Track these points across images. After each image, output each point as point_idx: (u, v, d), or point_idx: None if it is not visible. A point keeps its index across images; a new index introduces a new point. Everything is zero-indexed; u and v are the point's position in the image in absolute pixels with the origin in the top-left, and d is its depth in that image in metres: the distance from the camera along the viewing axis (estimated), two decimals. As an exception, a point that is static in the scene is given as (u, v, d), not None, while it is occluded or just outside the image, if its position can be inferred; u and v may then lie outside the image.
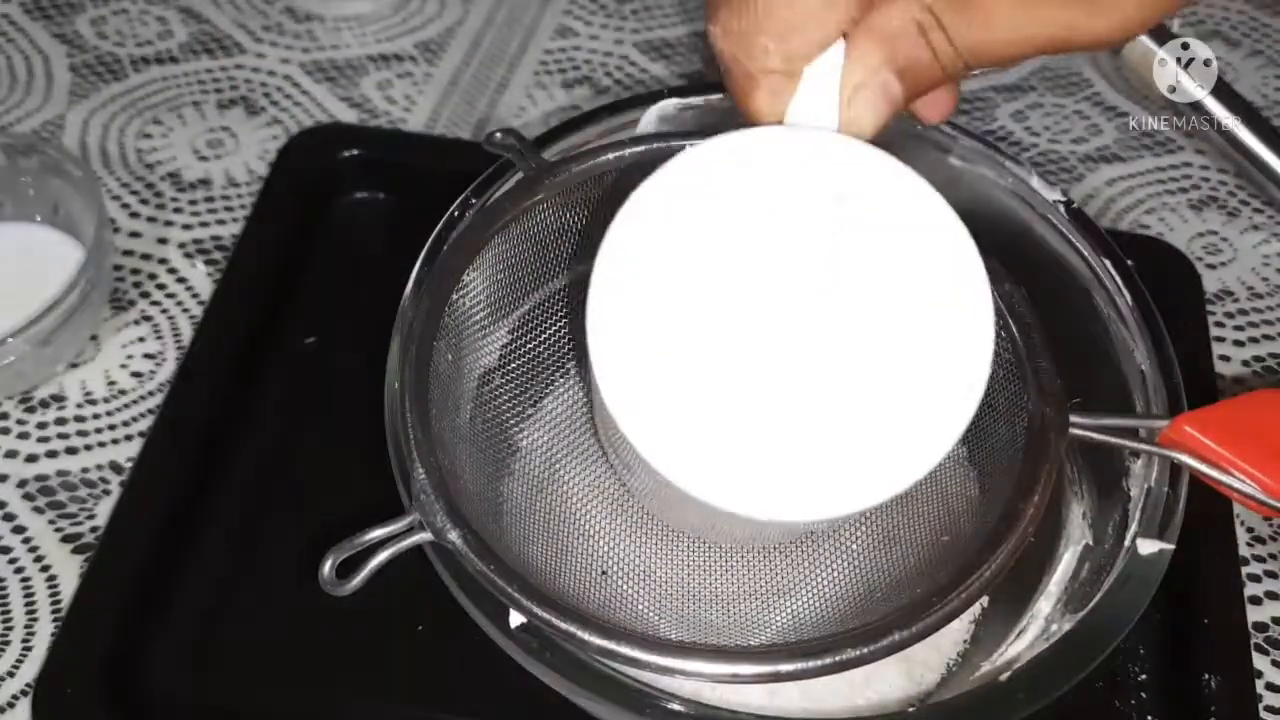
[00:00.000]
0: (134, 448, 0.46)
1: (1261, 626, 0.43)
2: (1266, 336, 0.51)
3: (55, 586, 0.43)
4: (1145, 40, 0.41)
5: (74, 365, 0.48)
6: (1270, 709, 0.41)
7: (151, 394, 0.48)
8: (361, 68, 0.60)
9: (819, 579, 0.38)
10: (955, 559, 0.33)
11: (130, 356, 0.49)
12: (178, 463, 0.44)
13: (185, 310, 0.50)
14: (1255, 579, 0.44)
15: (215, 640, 0.41)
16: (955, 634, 0.39)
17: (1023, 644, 0.36)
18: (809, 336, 0.29)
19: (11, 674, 0.41)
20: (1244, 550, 0.44)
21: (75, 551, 0.43)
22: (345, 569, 0.31)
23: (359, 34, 0.61)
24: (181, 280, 0.51)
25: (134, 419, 0.47)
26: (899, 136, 0.32)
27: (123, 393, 0.48)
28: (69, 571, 0.43)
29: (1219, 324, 0.51)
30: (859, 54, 0.29)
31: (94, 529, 0.44)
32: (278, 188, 0.53)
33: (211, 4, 0.62)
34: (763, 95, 0.30)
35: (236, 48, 0.60)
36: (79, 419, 0.47)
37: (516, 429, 0.40)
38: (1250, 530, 0.45)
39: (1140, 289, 0.38)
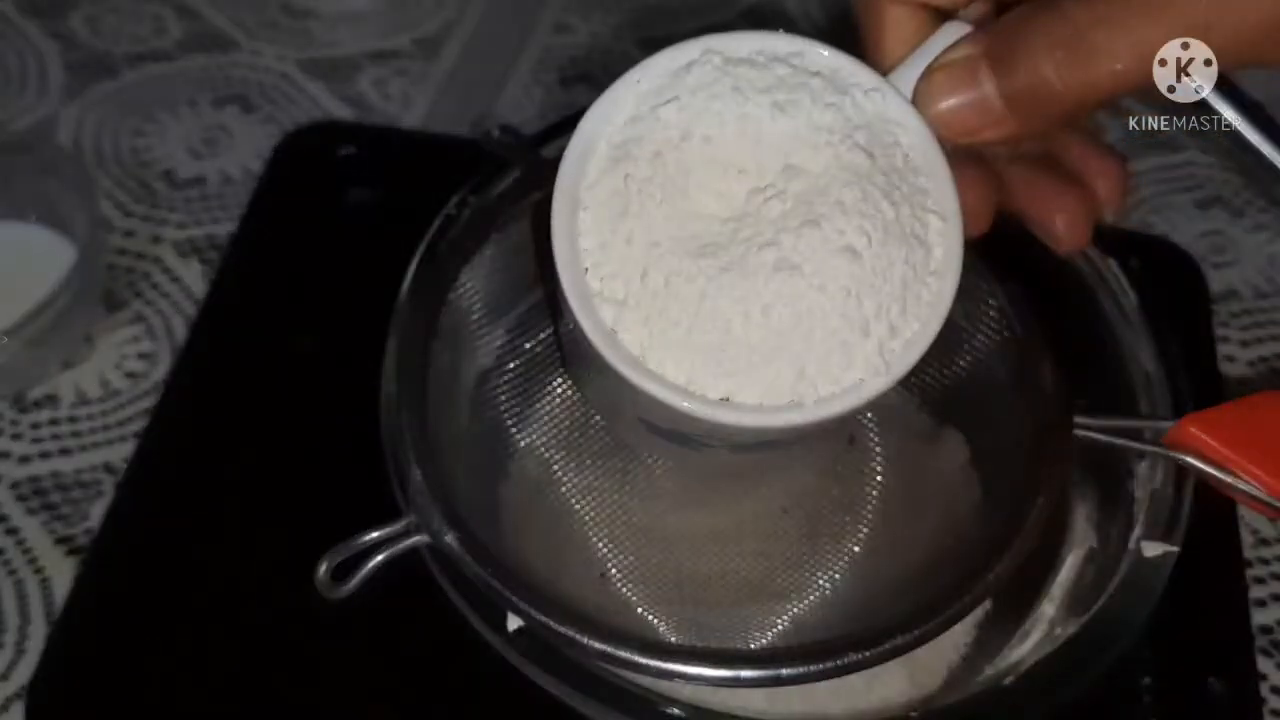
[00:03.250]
0: (128, 449, 0.46)
1: (1267, 629, 0.43)
2: (1272, 336, 0.51)
3: (49, 589, 0.42)
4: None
5: (68, 365, 0.48)
6: (1275, 712, 0.41)
7: (146, 394, 0.47)
8: (358, 64, 0.60)
9: (821, 582, 0.37)
10: (959, 563, 0.33)
11: (125, 356, 0.48)
12: (172, 464, 0.44)
13: (180, 310, 0.50)
14: (1260, 581, 0.44)
15: (209, 643, 0.41)
16: (958, 637, 0.39)
17: (1026, 647, 0.35)
18: (772, 237, 0.28)
19: (5, 677, 0.40)
20: (1249, 553, 0.44)
21: (69, 554, 0.43)
22: (341, 571, 0.31)
23: (355, 30, 0.61)
24: (176, 280, 0.51)
25: (128, 419, 0.47)
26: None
27: (117, 393, 0.47)
28: (63, 574, 0.43)
29: (1224, 324, 0.51)
30: (964, 39, 0.28)
31: (87, 531, 0.44)
32: (273, 186, 0.52)
33: (206, 0, 0.62)
34: (889, 30, 0.29)
35: (232, 45, 0.60)
36: (72, 419, 0.47)
37: (514, 430, 0.39)
38: (1256, 533, 0.45)
39: (1145, 289, 0.38)
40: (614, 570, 0.38)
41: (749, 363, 0.28)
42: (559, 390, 0.40)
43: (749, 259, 0.28)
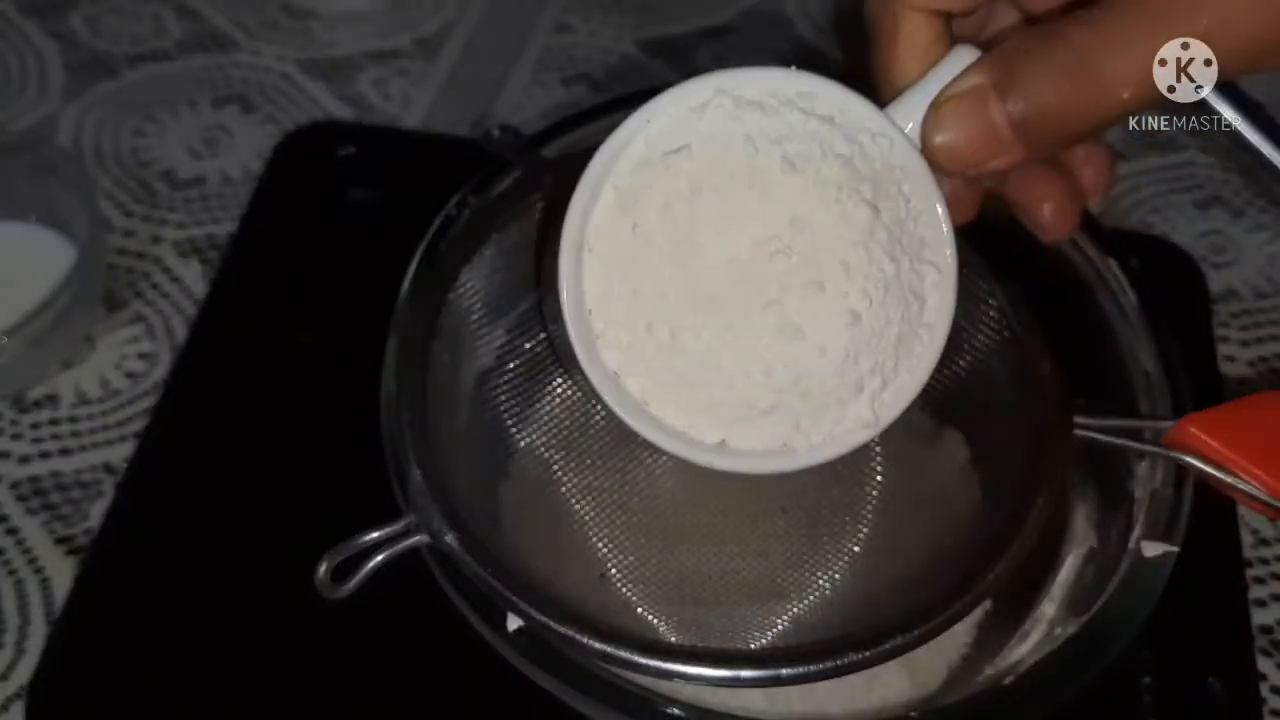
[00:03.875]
0: (128, 449, 0.46)
1: (1267, 629, 0.43)
2: (1272, 336, 0.51)
3: (49, 589, 0.42)
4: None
5: (68, 365, 0.48)
6: (1275, 712, 0.40)
7: (146, 394, 0.47)
8: (358, 64, 0.60)
9: (821, 582, 0.37)
10: (959, 563, 0.33)
11: (125, 356, 0.48)
12: (172, 464, 0.44)
13: (180, 310, 0.50)
14: (1260, 581, 0.44)
15: (209, 643, 0.41)
16: (958, 637, 0.39)
17: (1026, 647, 0.35)
18: (776, 295, 0.28)
19: (5, 677, 0.40)
20: (1249, 553, 0.44)
21: (69, 554, 0.43)
22: (341, 571, 0.31)
23: (355, 30, 0.61)
24: (176, 280, 0.51)
25: (128, 419, 0.47)
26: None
27: (117, 393, 0.47)
28: (63, 574, 0.42)
29: (1224, 324, 0.51)
30: (972, 67, 0.28)
31: (87, 531, 0.44)
32: (273, 186, 0.52)
33: (206, 0, 0.62)
34: (903, 40, 0.29)
35: (232, 45, 0.60)
36: (72, 419, 0.47)
37: (514, 430, 0.39)
38: (1255, 533, 0.45)
39: (1145, 289, 0.38)
40: (614, 570, 0.38)
41: (747, 415, 0.29)
42: (559, 390, 0.40)
43: (753, 318, 0.28)
